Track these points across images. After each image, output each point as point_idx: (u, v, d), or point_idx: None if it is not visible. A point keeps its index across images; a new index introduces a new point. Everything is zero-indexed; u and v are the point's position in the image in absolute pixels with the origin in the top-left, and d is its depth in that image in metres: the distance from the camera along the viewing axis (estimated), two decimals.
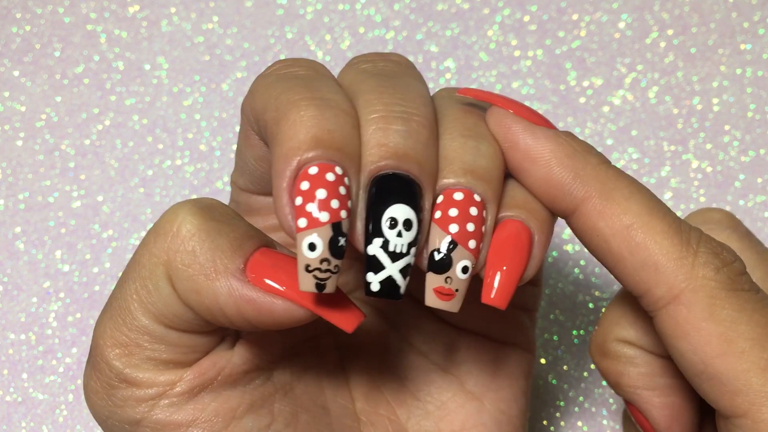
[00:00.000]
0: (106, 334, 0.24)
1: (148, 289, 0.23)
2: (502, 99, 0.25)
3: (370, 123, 0.23)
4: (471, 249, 0.23)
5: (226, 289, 0.22)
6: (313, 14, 0.44)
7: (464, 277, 0.23)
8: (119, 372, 0.24)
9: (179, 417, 0.24)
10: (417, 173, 0.22)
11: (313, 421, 0.26)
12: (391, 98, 0.23)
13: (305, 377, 0.27)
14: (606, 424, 0.38)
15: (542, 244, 0.24)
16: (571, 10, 0.44)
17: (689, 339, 0.23)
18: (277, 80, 0.24)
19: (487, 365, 0.30)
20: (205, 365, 0.24)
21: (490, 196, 0.23)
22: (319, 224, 0.21)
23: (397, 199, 0.22)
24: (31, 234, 0.41)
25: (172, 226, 0.23)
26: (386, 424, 0.29)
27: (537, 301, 0.31)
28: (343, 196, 0.22)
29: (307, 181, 0.21)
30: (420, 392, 0.29)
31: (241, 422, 0.24)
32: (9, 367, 0.39)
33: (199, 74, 0.43)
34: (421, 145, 0.23)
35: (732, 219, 0.28)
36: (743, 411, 0.22)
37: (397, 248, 0.22)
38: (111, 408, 0.24)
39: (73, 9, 0.44)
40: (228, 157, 0.42)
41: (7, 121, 0.42)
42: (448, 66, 0.43)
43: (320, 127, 0.22)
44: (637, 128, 0.42)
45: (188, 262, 0.22)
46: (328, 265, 0.21)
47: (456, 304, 0.23)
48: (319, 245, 0.21)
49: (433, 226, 0.23)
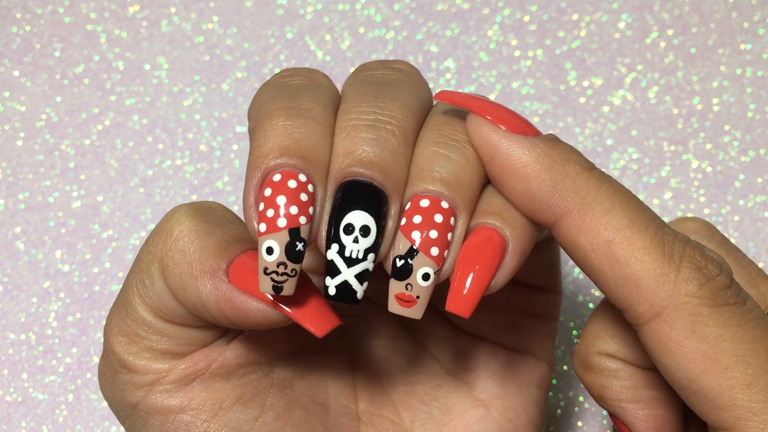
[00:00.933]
0: (112, 323, 0.26)
1: (145, 283, 0.25)
2: (479, 103, 0.24)
3: (341, 131, 0.23)
4: (433, 256, 0.23)
5: (208, 287, 0.23)
6: (313, 14, 0.44)
7: (425, 285, 0.23)
8: (120, 358, 0.25)
9: (171, 403, 0.25)
10: (381, 180, 0.23)
11: (306, 418, 0.27)
12: (367, 107, 0.24)
13: (309, 375, 0.28)
14: (606, 424, 0.38)
15: (517, 251, 0.23)
16: (571, 10, 0.44)
17: (673, 356, 0.22)
18: (268, 90, 0.25)
19: (497, 372, 0.30)
20: (198, 357, 0.25)
21: (460, 204, 0.23)
22: (277, 229, 0.22)
23: (357, 205, 0.22)
24: (31, 234, 0.41)
25: (167, 225, 0.24)
26: (388, 425, 0.29)
27: (554, 309, 0.31)
28: (304, 203, 0.22)
29: (269, 188, 0.22)
30: (427, 396, 0.30)
31: (229, 412, 0.26)
32: (9, 367, 0.39)
33: (199, 74, 0.43)
34: (388, 153, 0.23)
35: (708, 227, 0.28)
36: (729, 425, 0.22)
37: (352, 254, 0.22)
38: (114, 391, 0.26)
39: (73, 9, 0.44)
40: (228, 157, 0.42)
41: (7, 121, 0.42)
42: (448, 66, 0.43)
43: (287, 135, 0.23)
44: (637, 128, 0.42)
45: (177, 260, 0.24)
46: (285, 268, 0.22)
47: (417, 311, 0.23)
48: (276, 249, 0.22)
49: (398, 233, 0.23)
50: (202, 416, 0.25)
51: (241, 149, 0.42)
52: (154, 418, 0.25)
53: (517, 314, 0.30)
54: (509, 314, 0.30)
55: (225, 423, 0.25)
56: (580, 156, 0.24)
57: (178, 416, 0.25)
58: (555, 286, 0.30)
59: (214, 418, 0.25)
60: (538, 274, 0.29)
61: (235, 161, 0.42)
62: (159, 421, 0.25)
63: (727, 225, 0.41)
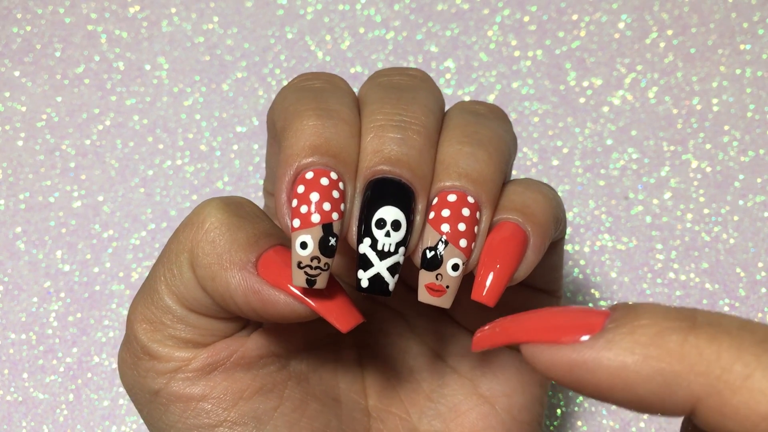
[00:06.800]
0: (137, 310, 0.26)
1: (173, 272, 0.25)
2: (521, 330, 0.20)
3: (369, 131, 0.24)
4: (462, 248, 0.24)
5: (237, 279, 0.24)
6: (313, 14, 0.44)
7: (455, 275, 0.24)
8: (144, 345, 0.26)
9: (192, 391, 0.26)
10: (409, 177, 0.24)
11: (322, 410, 0.28)
12: (392, 108, 0.25)
13: (322, 370, 0.29)
14: (606, 424, 0.38)
15: (537, 247, 0.24)
16: (570, 11, 0.44)
17: None
18: (293, 92, 0.25)
19: (502, 371, 0.30)
20: (220, 346, 0.26)
21: (484, 199, 0.24)
22: (311, 225, 0.23)
23: (387, 201, 0.24)
24: (32, 234, 0.41)
25: (198, 218, 0.25)
26: (397, 422, 0.30)
27: None
28: (336, 200, 0.23)
29: (302, 185, 0.23)
30: (434, 393, 0.30)
31: (249, 402, 0.26)
32: (9, 366, 0.39)
33: (200, 74, 0.43)
34: (415, 151, 0.24)
35: None
36: None
37: (384, 247, 0.23)
38: (136, 377, 0.27)
39: (73, 9, 0.44)
40: (228, 157, 0.42)
41: (8, 121, 0.42)
42: (448, 66, 0.43)
43: (318, 135, 0.24)
44: (637, 128, 0.42)
45: (207, 252, 0.24)
46: (318, 262, 0.23)
47: (447, 300, 0.24)
48: (310, 244, 0.23)
49: (427, 226, 0.24)
50: (222, 405, 0.26)
51: (242, 149, 0.42)
52: (175, 405, 0.26)
53: None
54: None
55: (245, 412, 0.26)
56: (666, 314, 0.18)
57: (200, 404, 0.26)
58: (557, 289, 0.31)
59: (234, 407, 0.26)
60: (543, 276, 0.30)
61: (236, 161, 0.42)
62: (180, 408, 0.26)
63: (726, 225, 0.41)
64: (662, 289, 0.40)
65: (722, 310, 0.40)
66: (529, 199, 0.25)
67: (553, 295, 0.31)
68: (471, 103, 0.27)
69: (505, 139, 0.26)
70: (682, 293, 0.40)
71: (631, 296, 0.40)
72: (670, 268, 0.40)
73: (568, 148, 0.42)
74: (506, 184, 0.26)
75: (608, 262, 0.41)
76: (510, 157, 0.26)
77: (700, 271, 0.40)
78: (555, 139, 0.42)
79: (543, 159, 0.42)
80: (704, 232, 0.41)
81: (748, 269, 0.40)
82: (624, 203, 0.41)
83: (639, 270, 0.40)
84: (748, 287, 0.40)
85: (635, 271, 0.40)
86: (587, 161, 0.42)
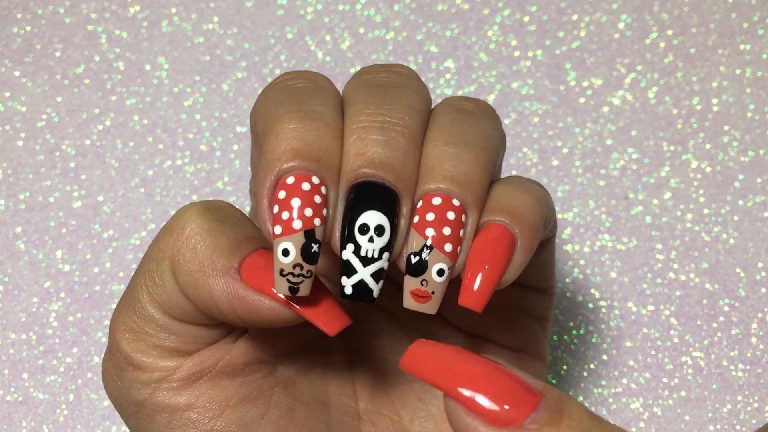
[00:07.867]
0: (119, 320, 0.26)
1: (154, 281, 0.25)
2: (451, 379, 0.21)
3: (352, 133, 0.24)
4: (447, 252, 0.23)
5: (220, 285, 0.23)
6: (313, 14, 0.44)
7: (440, 280, 0.23)
8: (127, 355, 0.25)
9: (178, 401, 0.25)
10: (393, 180, 0.23)
11: (310, 416, 0.27)
12: (375, 109, 0.24)
13: (311, 374, 0.28)
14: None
15: (525, 249, 0.24)
16: (570, 11, 0.44)
17: None
18: (274, 93, 0.25)
19: None
20: (205, 355, 0.26)
21: (470, 201, 0.24)
22: (292, 231, 0.22)
23: (370, 205, 0.23)
24: (32, 234, 0.41)
25: (178, 224, 0.24)
26: (388, 424, 0.29)
27: (548, 310, 0.31)
28: (318, 205, 0.23)
29: (283, 191, 0.23)
30: (425, 394, 0.30)
31: (236, 410, 0.26)
32: (10, 366, 0.39)
33: (200, 74, 0.43)
34: (399, 154, 0.23)
35: None
36: None
37: (368, 253, 0.23)
38: (120, 388, 0.26)
39: (73, 9, 0.44)
40: (228, 157, 0.42)
41: (8, 121, 0.42)
42: (448, 66, 0.43)
43: (299, 138, 0.23)
44: (637, 128, 0.42)
45: (189, 258, 0.24)
46: (301, 270, 0.22)
47: (432, 306, 0.23)
48: (292, 251, 0.22)
49: (411, 231, 0.23)
50: (209, 414, 0.25)
51: (242, 149, 0.42)
52: (160, 415, 0.25)
53: (513, 313, 0.30)
54: (505, 313, 0.30)
55: (231, 421, 0.26)
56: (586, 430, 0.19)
57: (185, 414, 0.25)
58: (549, 287, 0.31)
59: (221, 416, 0.25)
60: (534, 274, 0.29)
61: (236, 161, 0.42)
62: (165, 419, 0.25)
63: (726, 225, 0.41)
64: (662, 289, 0.40)
65: (722, 310, 0.40)
66: (517, 200, 0.24)
67: (545, 292, 0.30)
68: (458, 100, 0.26)
69: (493, 137, 0.25)
70: (682, 293, 0.40)
71: (631, 296, 0.40)
72: (670, 268, 0.40)
73: (568, 148, 0.42)
74: (494, 183, 0.25)
75: (608, 262, 0.41)
76: (497, 156, 0.25)
77: (700, 271, 0.40)
78: (555, 139, 0.42)
79: (543, 159, 0.42)
80: (704, 232, 0.41)
81: (748, 269, 0.40)
82: (624, 203, 0.41)
83: (639, 270, 0.40)
84: (748, 287, 0.40)
85: (635, 271, 0.40)
86: (587, 161, 0.42)
